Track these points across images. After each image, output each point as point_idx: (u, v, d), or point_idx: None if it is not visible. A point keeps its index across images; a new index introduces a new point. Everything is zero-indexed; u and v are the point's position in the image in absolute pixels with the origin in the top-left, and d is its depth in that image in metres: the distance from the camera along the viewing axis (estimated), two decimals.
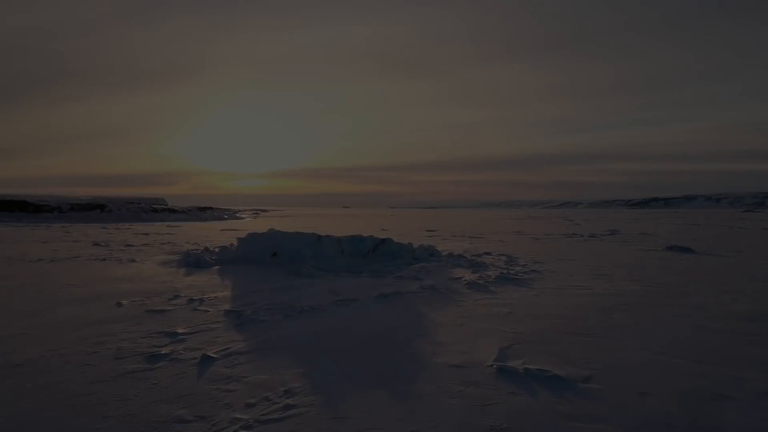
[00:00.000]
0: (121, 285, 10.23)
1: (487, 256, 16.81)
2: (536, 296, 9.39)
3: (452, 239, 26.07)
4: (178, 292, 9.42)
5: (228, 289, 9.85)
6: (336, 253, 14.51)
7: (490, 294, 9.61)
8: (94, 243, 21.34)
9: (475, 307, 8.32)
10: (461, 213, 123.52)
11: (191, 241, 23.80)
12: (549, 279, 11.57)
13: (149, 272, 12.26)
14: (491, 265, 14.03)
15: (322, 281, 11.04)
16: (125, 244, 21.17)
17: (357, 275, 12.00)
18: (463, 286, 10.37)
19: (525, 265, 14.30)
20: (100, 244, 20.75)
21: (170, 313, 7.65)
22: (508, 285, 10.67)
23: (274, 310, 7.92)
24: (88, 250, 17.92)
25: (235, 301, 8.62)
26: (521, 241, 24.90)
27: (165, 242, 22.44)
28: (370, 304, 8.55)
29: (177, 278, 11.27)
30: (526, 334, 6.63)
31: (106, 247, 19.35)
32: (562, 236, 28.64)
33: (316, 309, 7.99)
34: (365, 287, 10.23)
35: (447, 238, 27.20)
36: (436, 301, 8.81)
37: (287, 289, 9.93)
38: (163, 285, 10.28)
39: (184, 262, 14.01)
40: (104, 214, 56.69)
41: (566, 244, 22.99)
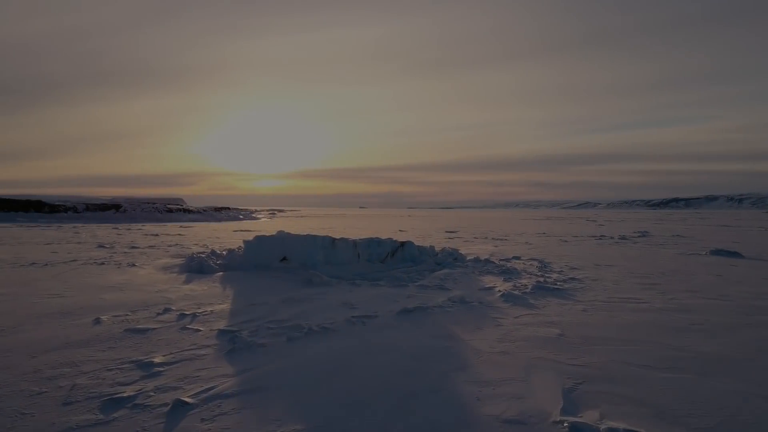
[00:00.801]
0: (108, 295, 9.04)
1: (517, 260, 15.38)
2: (585, 312, 7.98)
3: (475, 241, 24.62)
4: (171, 305, 8.19)
5: (228, 301, 8.59)
6: (351, 257, 13.21)
7: (530, 308, 8.22)
8: (99, 245, 20.33)
9: (517, 327, 6.94)
10: (480, 213, 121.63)
11: (200, 242, 22.72)
12: (593, 289, 10.14)
13: (145, 279, 11.07)
14: (524, 272, 12.61)
15: (336, 291, 9.74)
16: (131, 246, 20.12)
17: (375, 284, 10.68)
18: (497, 298, 8.99)
19: (561, 271, 12.86)
20: (105, 246, 19.73)
21: (153, 334, 6.40)
22: (549, 297, 9.27)
23: (277, 329, 6.63)
24: (88, 253, 16.86)
25: (232, 318, 7.35)
26: (548, 243, 23.37)
27: (173, 244, 21.36)
28: (390, 321, 7.21)
29: (173, 287, 10.05)
30: (589, 366, 5.24)
31: (109, 250, 18.30)
32: (591, 238, 27.01)
33: (327, 329, 6.67)
34: (384, 299, 8.90)
35: (469, 240, 25.75)
36: (468, 319, 7.44)
37: (295, 301, 8.64)
38: (155, 295, 9.06)
39: (186, 267, 12.82)
40: (119, 214, 56.16)
41: (598, 246, 21.41)
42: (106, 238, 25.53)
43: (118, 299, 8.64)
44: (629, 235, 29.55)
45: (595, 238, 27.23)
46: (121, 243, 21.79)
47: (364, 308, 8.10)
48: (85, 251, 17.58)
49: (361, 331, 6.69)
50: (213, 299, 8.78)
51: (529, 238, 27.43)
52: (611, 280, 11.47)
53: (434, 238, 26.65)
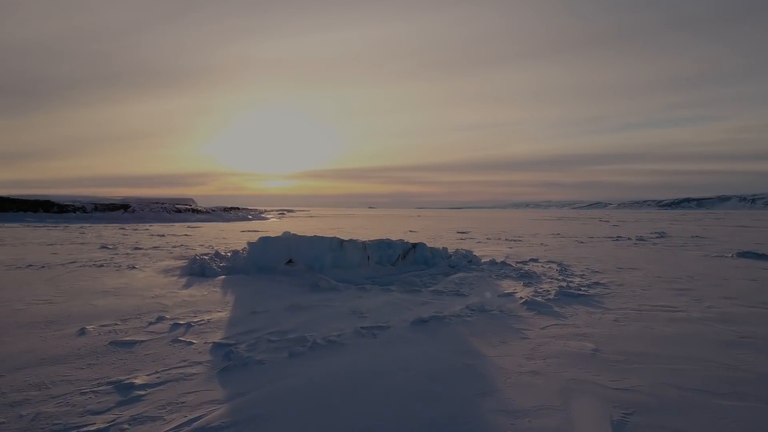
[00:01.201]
0: (101, 301, 8.42)
1: (534, 263, 14.63)
2: (617, 322, 7.24)
3: (488, 243, 23.86)
4: (165, 312, 7.55)
5: (227, 309, 7.94)
6: (360, 260, 12.54)
7: (556, 318, 7.50)
8: (102, 246, 19.81)
9: (546, 341, 6.22)
10: (490, 214, 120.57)
11: (206, 243, 22.16)
12: (621, 295, 9.39)
13: (143, 283, 10.47)
14: (544, 276, 11.87)
15: (344, 297, 9.07)
16: (134, 247, 19.58)
17: (385, 288, 9.99)
18: (519, 306, 8.27)
19: (583, 275, 12.11)
20: (108, 247, 19.20)
21: (140, 348, 5.76)
22: (575, 304, 8.53)
23: (278, 343, 5.97)
24: (89, 254, 16.32)
25: (230, 328, 6.69)
26: (564, 244, 22.56)
27: (177, 245, 20.80)
28: (404, 333, 6.52)
29: (171, 292, 9.43)
30: (636, 391, 4.53)
31: (112, 251, 17.76)
32: (607, 239, 26.15)
33: (333, 343, 5.99)
34: (396, 307, 8.22)
35: (482, 241, 24.98)
36: (490, 330, 6.73)
37: (300, 309, 7.98)
38: (150, 302, 8.43)
39: (188, 270, 12.22)
40: (127, 214, 55.92)
41: (616, 248, 20.57)
42: (111, 238, 25.06)
43: (110, 306, 8.02)
44: (646, 236, 28.63)
45: (611, 239, 26.37)
46: (126, 244, 21.27)
47: (374, 317, 7.42)
48: (87, 252, 17.04)
49: (371, 344, 6.00)
50: (211, 306, 8.13)
51: (544, 239, 26.63)
52: (638, 285, 10.71)
53: (446, 239, 25.92)
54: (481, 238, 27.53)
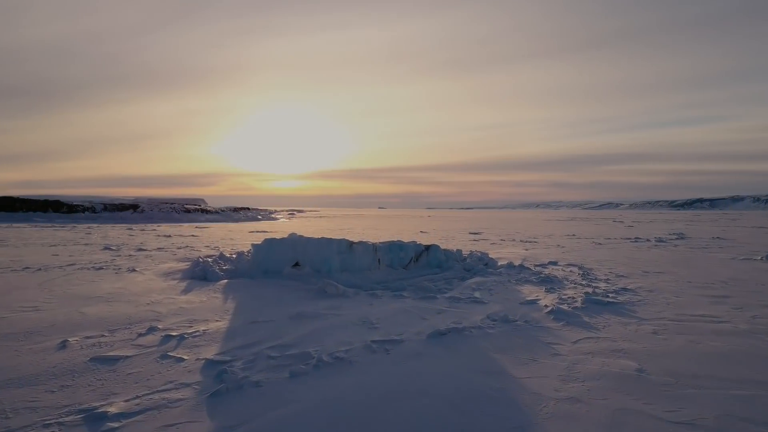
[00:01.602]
0: (91, 308, 7.81)
1: (554, 266, 13.88)
2: (657, 335, 6.50)
3: (502, 244, 23.09)
4: (158, 322, 6.92)
5: (226, 318, 7.29)
6: (371, 263, 11.86)
7: (588, 330, 6.77)
8: (105, 247, 19.29)
9: (581, 358, 5.51)
10: (501, 214, 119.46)
11: (212, 244, 21.61)
12: (654, 303, 8.64)
13: (140, 287, 9.86)
14: (566, 281, 11.13)
15: (353, 304, 8.40)
16: (138, 248, 19.04)
17: (397, 295, 9.30)
18: (545, 316, 7.55)
19: (608, 279, 11.35)
20: (111, 248, 18.68)
21: (124, 365, 5.12)
22: (605, 313, 7.80)
23: (279, 360, 5.30)
24: (91, 256, 15.78)
25: (228, 341, 6.04)
26: (581, 246, 21.74)
27: (182, 246, 20.25)
28: (419, 348, 5.82)
29: (169, 297, 8.80)
30: (699, 425, 3.81)
31: (115, 252, 17.22)
32: (625, 240, 25.27)
33: (341, 360, 5.31)
34: (410, 316, 7.52)
35: (496, 242, 24.21)
36: (516, 345, 6.01)
37: (305, 318, 7.31)
38: (144, 309, 7.81)
39: (189, 274, 11.61)
40: (136, 214, 55.68)
41: (636, 250, 19.72)
42: (117, 239, 24.59)
43: (100, 314, 7.40)
44: (665, 237, 27.69)
45: (629, 240, 25.49)
46: (130, 245, 20.76)
47: (386, 328, 6.73)
48: (88, 254, 16.52)
49: (383, 362, 5.31)
50: (209, 314, 7.49)
51: (559, 240, 25.80)
52: (669, 291, 9.94)
53: (458, 240, 25.18)
54: (494, 239, 26.75)
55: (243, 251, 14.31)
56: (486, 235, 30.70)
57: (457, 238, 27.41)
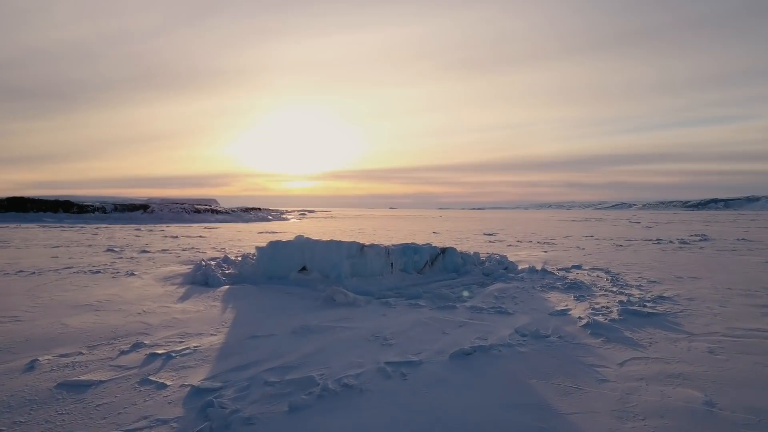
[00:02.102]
0: (75, 319, 7.07)
1: (578, 271, 12.97)
2: (715, 355, 5.63)
3: (519, 246, 22.18)
4: (146, 336, 6.17)
5: (223, 331, 6.52)
6: (383, 267, 11.04)
7: (633, 347, 5.91)
8: (108, 248, 18.66)
9: (633, 386, 4.64)
10: (514, 214, 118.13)
11: (219, 246, 20.93)
12: (698, 314, 7.74)
13: (135, 294, 9.13)
14: (594, 287, 10.25)
15: (364, 315, 7.59)
16: (142, 249, 18.38)
17: (413, 303, 8.48)
18: (580, 330, 6.69)
19: (640, 286, 10.45)
20: (114, 250, 18.04)
21: (95, 393, 4.35)
22: (647, 327, 6.92)
23: (277, 387, 4.51)
24: (91, 258, 15.13)
25: (220, 362, 5.25)
26: (603, 248, 20.76)
27: (188, 247, 19.57)
28: (441, 372, 4.99)
29: (163, 306, 8.05)
30: None
31: (117, 254, 16.57)
32: (647, 242, 24.22)
33: (349, 388, 4.49)
34: (428, 329, 6.69)
35: (512, 244, 23.30)
36: (554, 367, 5.17)
37: (311, 332, 6.51)
38: (133, 320, 7.06)
39: (190, 278, 10.88)
40: (146, 214, 55.37)
41: (662, 253, 18.71)
42: (122, 240, 24.02)
43: (83, 326, 6.65)
44: (688, 239, 26.57)
45: (651, 242, 24.44)
46: (135, 246, 20.13)
47: (402, 345, 5.91)
48: (89, 256, 15.87)
49: (399, 391, 4.49)
50: (204, 327, 6.72)
51: (578, 241, 24.82)
52: (712, 299, 9.03)
53: (473, 242, 24.29)
54: (510, 240, 25.82)
55: (248, 254, 13.58)
56: (501, 236, 29.77)
57: (471, 239, 26.51)
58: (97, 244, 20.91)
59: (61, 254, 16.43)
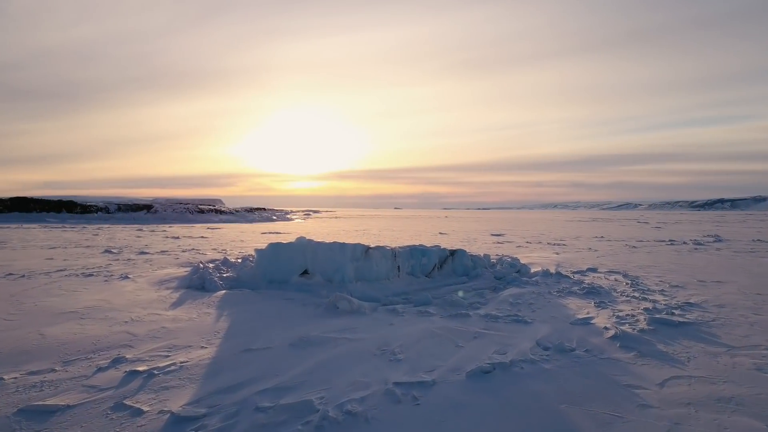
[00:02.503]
0: (55, 328, 6.51)
1: (594, 274, 12.33)
2: (763, 373, 5.00)
3: (529, 247, 21.52)
4: (129, 350, 5.59)
5: (214, 344, 5.93)
6: (389, 270, 10.43)
7: (670, 364, 5.28)
8: (106, 250, 18.12)
9: (682, 414, 4.02)
10: (520, 215, 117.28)
11: (220, 247, 20.38)
12: (734, 324, 7.10)
13: (125, 299, 8.56)
14: (614, 292, 9.62)
15: (370, 324, 6.98)
16: (141, 251, 17.84)
17: (422, 311, 7.85)
18: (607, 342, 6.06)
19: (663, 291, 9.80)
20: (112, 251, 17.50)
21: (58, 421, 3.77)
22: (681, 338, 6.28)
23: (270, 414, 3.91)
24: (86, 260, 14.60)
25: (208, 382, 4.66)
26: (615, 249, 20.08)
27: (188, 249, 19.02)
28: (459, 396, 4.36)
29: (153, 314, 7.47)
30: None
31: (114, 255, 16.03)
32: (659, 243, 23.51)
33: (353, 416, 3.89)
34: (440, 341, 6.08)
35: (522, 245, 22.64)
36: (585, 388, 4.54)
37: (311, 344, 5.90)
38: (119, 330, 6.48)
39: (186, 282, 10.32)
40: (149, 215, 54.98)
41: (677, 255, 18.01)
42: (122, 240, 23.52)
43: (62, 337, 6.08)
44: (702, 240, 25.83)
45: (664, 243, 23.73)
46: (134, 247, 19.60)
47: (412, 360, 5.30)
48: (85, 258, 15.34)
49: (411, 419, 3.88)
50: (195, 338, 6.13)
51: (589, 242, 24.13)
52: (743, 306, 8.37)
53: (481, 243, 23.65)
54: (519, 241, 25.16)
55: (248, 256, 13.01)
56: (509, 236, 29.10)
57: (479, 240, 25.87)
58: (96, 245, 20.40)
59: (57, 256, 15.91)
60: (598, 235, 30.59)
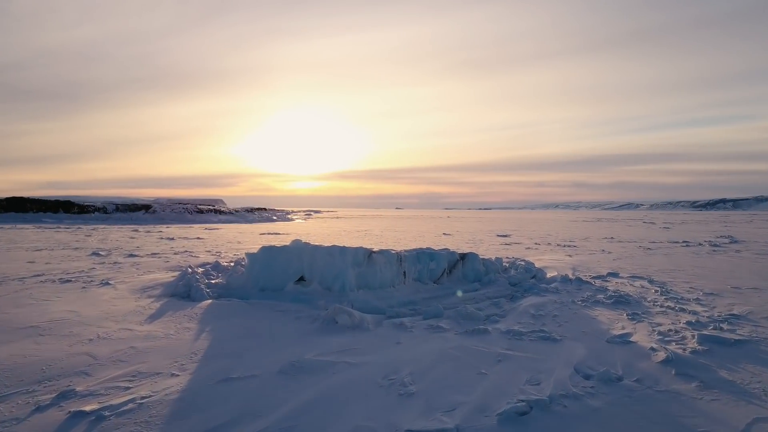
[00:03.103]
0: (8, 347, 5.55)
1: (617, 279, 11.36)
2: None
3: (538, 248, 20.52)
4: (82, 380, 4.62)
5: (188, 370, 4.95)
6: (394, 277, 9.45)
7: (744, 398, 4.30)
8: (94, 252, 17.14)
9: None
10: (523, 215, 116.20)
11: (215, 249, 19.41)
12: None
13: (98, 311, 7.59)
14: (645, 301, 8.66)
15: (374, 343, 5.99)
16: (130, 253, 16.86)
17: (433, 325, 6.85)
18: (659, 368, 5.07)
19: (698, 300, 8.82)
20: (100, 254, 16.53)
21: None
22: (744, 362, 5.31)
23: None
24: (70, 264, 13.63)
25: (172, 427, 3.68)
26: (630, 251, 19.06)
27: (181, 251, 18.04)
28: None
29: (124, 329, 6.50)
30: None
31: (100, 258, 15.06)
32: (674, 245, 22.50)
33: None
34: (459, 367, 5.08)
35: (530, 246, 21.64)
36: None
37: (304, 371, 4.92)
38: (79, 350, 5.51)
39: (171, 289, 9.36)
40: (147, 215, 54.05)
41: (696, 257, 16.99)
42: (114, 242, 22.56)
43: (10, 360, 5.11)
44: (717, 241, 24.79)
45: (678, 244, 22.72)
46: (124, 249, 18.63)
47: (426, 394, 4.32)
48: (69, 261, 14.37)
49: None
50: (166, 363, 5.15)
51: (600, 244, 23.12)
52: None
53: (487, 244, 22.66)
54: (527, 242, 24.14)
55: (241, 260, 12.03)
56: (516, 237, 28.09)
57: (485, 241, 24.85)
58: (85, 247, 19.43)
59: (40, 258, 14.95)
60: (607, 236, 29.57)
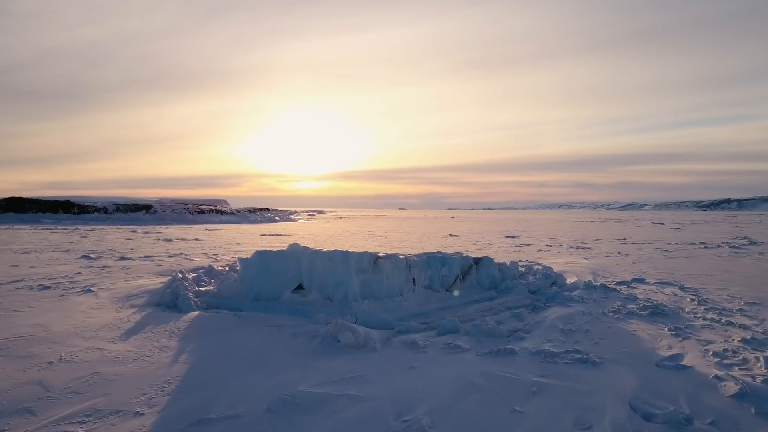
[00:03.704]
0: None
1: (644, 286, 10.46)
2: None
3: (550, 251, 19.58)
4: (23, 422, 3.74)
5: (156, 407, 4.05)
6: (403, 284, 8.53)
7: None
8: (84, 255, 16.29)
9: None
10: (527, 215, 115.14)
11: (213, 251, 18.56)
12: None
13: (71, 324, 6.71)
14: (683, 312, 7.75)
15: (382, 368, 5.08)
16: (122, 256, 16.00)
17: (450, 343, 5.94)
18: (733, 404, 4.16)
19: (743, 311, 7.93)
20: (90, 257, 15.66)
21: None
22: None
23: None
24: (55, 268, 12.77)
25: None
26: (648, 254, 18.11)
27: (176, 253, 17.17)
28: None
29: (94, 348, 5.62)
30: None
31: (89, 262, 14.20)
32: (692, 246, 21.55)
33: None
34: (487, 402, 4.18)
35: (542, 248, 20.70)
36: None
37: (297, 408, 4.01)
38: (32, 377, 4.63)
39: (157, 298, 8.51)
40: (148, 215, 53.29)
41: (720, 260, 16.04)
42: (109, 243, 21.74)
43: None
44: (735, 242, 23.82)
45: (696, 246, 21.76)
46: (117, 251, 17.78)
47: None
48: (54, 265, 13.52)
49: None
50: (132, 395, 4.26)
51: (614, 245, 22.16)
52: None
53: (497, 246, 21.73)
54: (537, 244, 23.20)
55: (235, 265, 11.15)
56: (525, 238, 27.13)
57: (494, 243, 23.91)
58: (77, 249, 18.59)
59: (26, 262, 14.10)
60: (619, 237, 28.59)
